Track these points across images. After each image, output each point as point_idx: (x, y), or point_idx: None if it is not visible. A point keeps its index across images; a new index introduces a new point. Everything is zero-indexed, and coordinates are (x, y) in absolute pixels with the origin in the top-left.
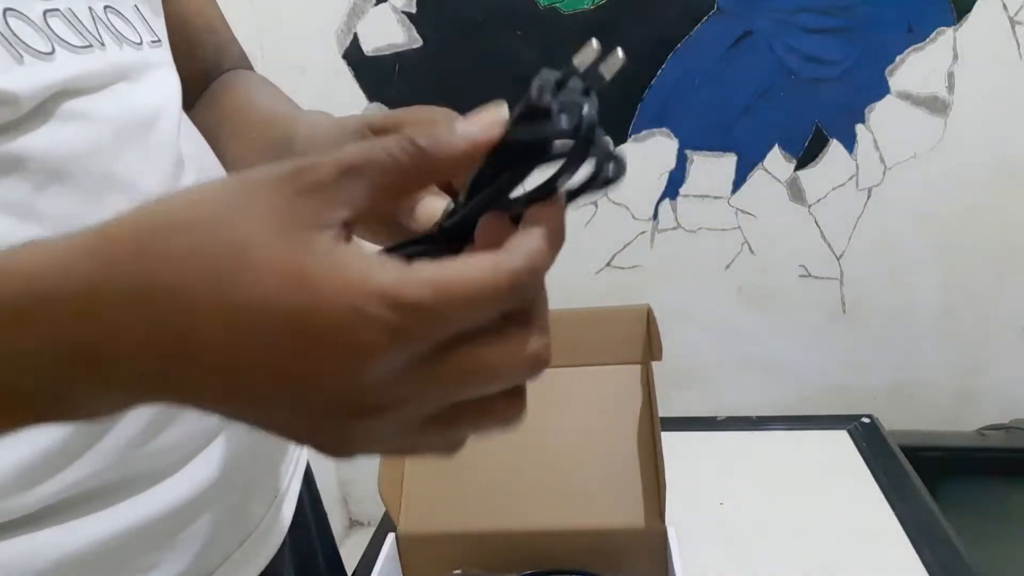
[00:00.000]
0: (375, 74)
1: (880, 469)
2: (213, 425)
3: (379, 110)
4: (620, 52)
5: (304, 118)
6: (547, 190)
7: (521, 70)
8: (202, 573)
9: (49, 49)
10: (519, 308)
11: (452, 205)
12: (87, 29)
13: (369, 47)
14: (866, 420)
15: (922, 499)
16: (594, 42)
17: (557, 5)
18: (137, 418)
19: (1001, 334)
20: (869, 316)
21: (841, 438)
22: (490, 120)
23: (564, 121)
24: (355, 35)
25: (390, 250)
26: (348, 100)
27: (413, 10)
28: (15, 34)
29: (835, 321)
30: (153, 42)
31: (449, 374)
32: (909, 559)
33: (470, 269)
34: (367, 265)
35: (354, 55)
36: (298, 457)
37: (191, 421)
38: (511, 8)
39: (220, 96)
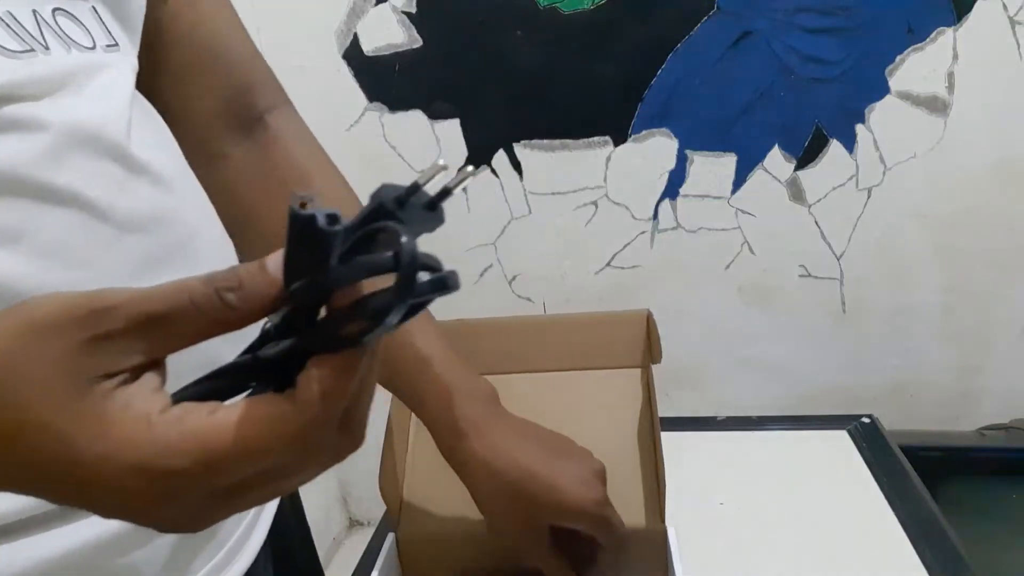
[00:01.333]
0: (375, 74)
1: (880, 469)
2: None
3: (380, 109)
4: (471, 167)
5: None
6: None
7: (521, 70)
8: None
9: None
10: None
11: (267, 324)
12: (28, 33)
13: (369, 47)
14: (866, 420)
15: (922, 499)
16: (440, 161)
17: (557, 5)
18: None
19: (1001, 334)
20: (869, 316)
21: (841, 438)
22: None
23: (342, 274)
24: (355, 35)
25: (203, 380)
26: (348, 100)
27: (413, 10)
28: None
29: (835, 321)
30: (109, 46)
31: (235, 488)
32: (909, 559)
33: (244, 426)
34: (132, 431)
35: (354, 55)
36: None
37: None
38: (511, 8)
39: (279, 166)
